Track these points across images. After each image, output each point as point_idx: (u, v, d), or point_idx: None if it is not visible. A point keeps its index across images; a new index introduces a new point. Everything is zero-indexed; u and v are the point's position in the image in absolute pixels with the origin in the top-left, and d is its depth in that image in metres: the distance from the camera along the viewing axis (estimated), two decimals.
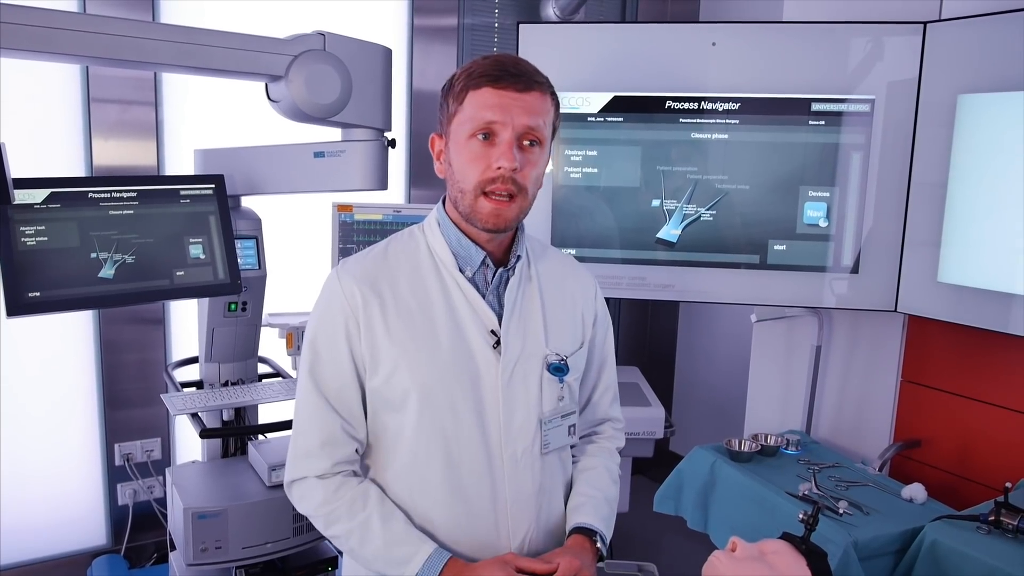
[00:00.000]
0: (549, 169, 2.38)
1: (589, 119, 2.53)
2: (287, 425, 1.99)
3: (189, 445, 2.89)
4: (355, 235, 2.57)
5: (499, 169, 1.14)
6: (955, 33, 2.21)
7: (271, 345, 2.37)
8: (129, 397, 2.77)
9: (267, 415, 2.19)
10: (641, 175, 2.52)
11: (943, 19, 2.27)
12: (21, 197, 1.68)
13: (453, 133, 1.19)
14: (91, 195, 1.78)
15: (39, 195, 1.72)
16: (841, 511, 1.97)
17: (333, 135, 2.04)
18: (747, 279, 2.50)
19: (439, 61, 3.19)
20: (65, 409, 2.71)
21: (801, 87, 2.39)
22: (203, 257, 1.92)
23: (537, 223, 2.55)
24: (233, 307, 2.09)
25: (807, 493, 2.07)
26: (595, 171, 2.56)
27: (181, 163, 2.73)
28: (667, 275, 2.55)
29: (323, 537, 2.03)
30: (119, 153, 2.65)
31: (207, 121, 2.76)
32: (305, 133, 2.03)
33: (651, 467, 3.66)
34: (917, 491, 2.10)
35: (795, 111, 2.40)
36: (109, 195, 1.80)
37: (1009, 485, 1.83)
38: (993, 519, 1.80)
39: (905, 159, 2.33)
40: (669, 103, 2.48)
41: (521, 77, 1.16)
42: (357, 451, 1.25)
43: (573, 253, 2.57)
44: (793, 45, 2.38)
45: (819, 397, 2.65)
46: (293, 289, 2.49)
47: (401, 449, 1.22)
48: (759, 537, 1.23)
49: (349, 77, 1.90)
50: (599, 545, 1.27)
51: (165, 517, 2.70)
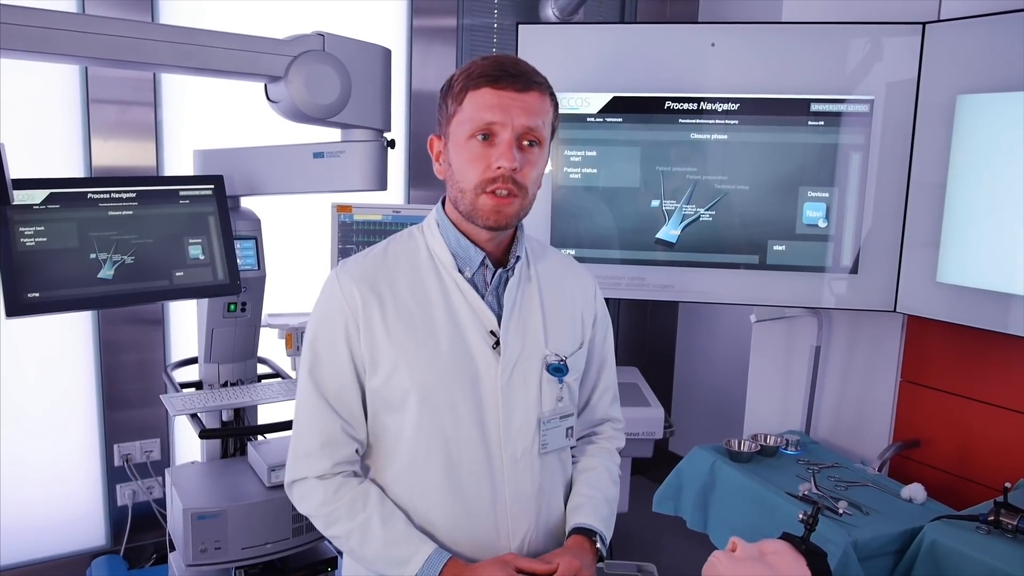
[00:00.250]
0: (548, 170, 2.39)
1: (588, 120, 2.53)
2: (286, 426, 1.99)
3: (188, 446, 2.89)
4: (354, 236, 2.57)
5: (499, 169, 1.14)
6: (954, 33, 2.21)
7: (270, 346, 2.37)
8: (128, 398, 2.77)
9: (266, 416, 2.19)
10: (640, 175, 2.53)
11: (942, 19, 2.27)
12: (20, 198, 1.68)
13: (452, 134, 1.19)
14: (90, 196, 1.78)
15: (38, 196, 1.72)
16: (841, 511, 1.98)
17: (332, 136, 2.04)
18: (746, 279, 2.50)
19: (438, 62, 3.19)
20: (64, 409, 2.71)
21: (800, 88, 2.39)
22: (202, 258, 1.92)
23: (536, 223, 2.55)
24: (232, 308, 2.09)
25: (807, 493, 2.07)
26: (594, 171, 2.56)
27: (180, 164, 2.72)
28: (666, 275, 2.55)
29: (323, 537, 2.04)
30: (118, 154, 2.65)
31: (206, 122, 2.76)
32: (304, 134, 2.03)
33: (650, 467, 3.66)
34: (916, 491, 2.10)
35: (794, 112, 2.40)
36: (108, 196, 1.80)
37: (1008, 485, 1.83)
38: (992, 519, 1.80)
39: (904, 159, 2.33)
40: (668, 104, 2.48)
41: (520, 77, 1.15)
42: (357, 451, 1.25)
43: (572, 253, 2.57)
44: (792, 46, 2.38)
45: (818, 397, 2.65)
46: (292, 290, 2.49)
47: (401, 450, 1.22)
48: (759, 537, 1.23)
49: (348, 78, 1.90)
50: (599, 545, 1.27)
51: (164, 518, 2.70)
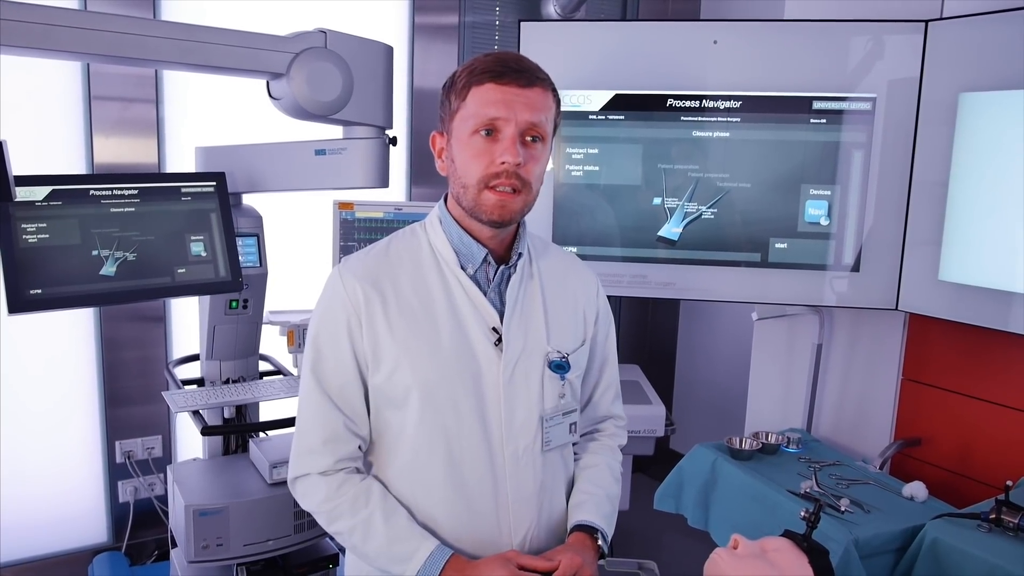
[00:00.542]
0: (550, 167, 2.39)
1: (590, 117, 2.53)
2: (288, 423, 1.99)
3: (190, 442, 2.89)
4: (356, 233, 2.57)
5: (502, 164, 1.14)
6: (956, 31, 2.20)
7: (272, 343, 2.37)
8: (130, 394, 2.77)
9: (268, 412, 2.19)
10: (642, 173, 2.52)
11: (944, 17, 2.26)
12: (22, 194, 1.68)
13: (456, 130, 1.18)
14: (92, 192, 1.78)
15: (40, 192, 1.72)
16: (842, 509, 1.98)
17: (334, 133, 2.04)
18: (748, 277, 2.50)
19: (440, 59, 3.19)
20: (66, 407, 2.71)
21: (802, 85, 2.39)
22: (204, 255, 1.92)
23: (538, 221, 2.55)
24: (234, 305, 2.09)
25: (808, 491, 2.07)
26: (596, 169, 2.56)
27: (182, 161, 2.72)
28: (668, 273, 2.55)
29: (324, 534, 2.05)
30: (120, 150, 2.65)
31: (208, 118, 2.76)
32: (306, 131, 2.03)
33: (652, 465, 3.66)
34: (918, 489, 2.10)
35: (796, 109, 2.40)
36: (110, 192, 1.80)
37: (1010, 483, 1.83)
38: (994, 517, 1.81)
39: (906, 157, 2.33)
40: (670, 101, 2.48)
41: (523, 73, 1.16)
42: (360, 448, 1.25)
43: (574, 251, 2.56)
44: (794, 43, 2.38)
45: (820, 395, 2.65)
46: (294, 287, 2.49)
47: (403, 446, 1.22)
48: (760, 535, 1.23)
49: (350, 75, 1.90)
50: (600, 543, 1.27)
51: (166, 514, 2.71)
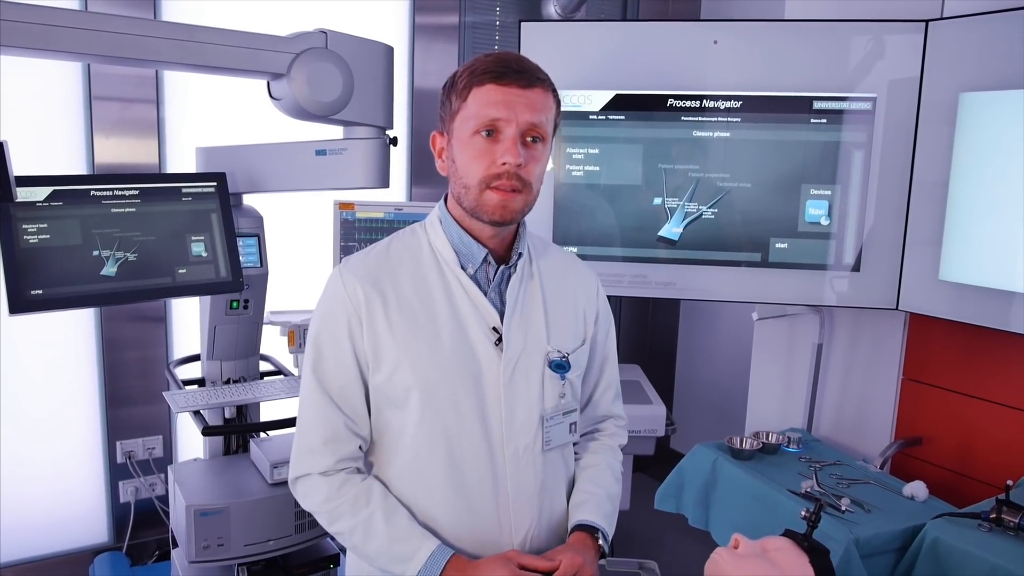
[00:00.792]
0: (550, 167, 2.39)
1: (591, 117, 2.53)
2: (289, 423, 2.00)
3: (191, 443, 2.89)
4: (357, 233, 2.57)
5: (504, 165, 1.15)
6: (957, 31, 2.20)
7: (273, 343, 2.37)
8: (131, 395, 2.77)
9: (269, 413, 2.19)
10: (643, 173, 2.52)
11: (945, 17, 2.26)
12: (23, 195, 1.68)
13: (456, 130, 1.19)
14: (93, 193, 1.78)
15: (41, 193, 1.72)
16: (843, 509, 1.98)
17: (335, 133, 2.04)
18: (748, 277, 2.50)
19: (440, 59, 3.19)
20: (67, 407, 2.72)
21: (803, 85, 2.39)
22: (205, 255, 1.92)
23: (539, 221, 2.55)
24: (235, 305, 2.09)
25: (809, 491, 2.07)
26: (597, 169, 2.56)
27: (183, 161, 2.73)
28: (668, 273, 2.55)
29: (325, 534, 2.05)
30: (121, 151, 2.65)
31: (209, 119, 2.76)
32: (307, 131, 2.03)
33: (652, 465, 3.66)
34: (918, 489, 2.10)
35: (797, 109, 2.40)
36: (111, 193, 1.81)
37: (1010, 483, 1.83)
38: (994, 517, 1.80)
39: (907, 157, 2.33)
40: (671, 101, 2.48)
41: (524, 74, 1.16)
42: (361, 448, 1.25)
43: (575, 251, 2.57)
44: (795, 43, 2.38)
45: (820, 395, 2.65)
46: (295, 287, 2.49)
47: (404, 446, 1.23)
48: (761, 535, 1.23)
49: (351, 75, 1.90)
50: (601, 542, 1.27)
51: (167, 515, 2.71)
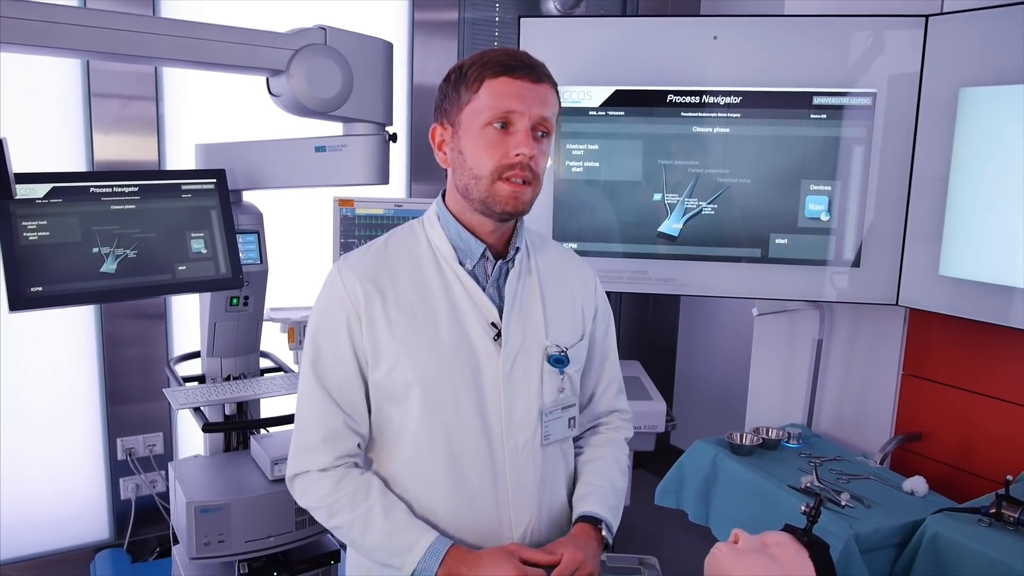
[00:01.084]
0: (550, 163, 2.39)
1: (590, 113, 2.53)
2: (289, 419, 1.99)
3: (191, 439, 2.89)
4: (356, 230, 2.57)
5: (517, 156, 1.15)
6: (956, 26, 2.20)
7: (273, 340, 2.37)
8: (131, 392, 2.77)
9: (269, 409, 2.19)
10: (642, 169, 2.52)
11: (944, 12, 2.26)
12: (23, 192, 1.68)
13: (465, 121, 1.18)
14: (92, 190, 1.79)
15: (41, 190, 1.72)
16: (843, 504, 1.98)
17: (334, 129, 2.04)
18: (748, 273, 2.50)
19: (440, 55, 3.19)
20: (67, 404, 2.72)
21: (802, 81, 2.38)
22: (205, 252, 1.92)
23: (538, 217, 2.55)
24: (235, 302, 2.09)
25: (809, 486, 2.07)
26: (596, 165, 2.56)
27: (182, 158, 2.72)
28: (668, 269, 2.55)
29: (325, 531, 2.05)
30: (120, 148, 2.65)
31: (208, 116, 2.76)
32: (306, 127, 2.03)
33: (652, 461, 3.67)
34: (918, 484, 2.10)
35: (797, 105, 2.39)
36: (110, 190, 1.81)
37: (1010, 478, 1.83)
38: (994, 512, 1.81)
39: (907, 153, 2.33)
40: (670, 97, 2.47)
41: (534, 69, 1.18)
42: (359, 446, 1.25)
43: (574, 247, 2.57)
44: (794, 39, 2.38)
45: (820, 390, 2.65)
46: (295, 284, 2.49)
47: (404, 442, 1.23)
48: (761, 530, 1.23)
49: (350, 71, 1.89)
50: (605, 534, 1.27)
51: (168, 511, 2.71)
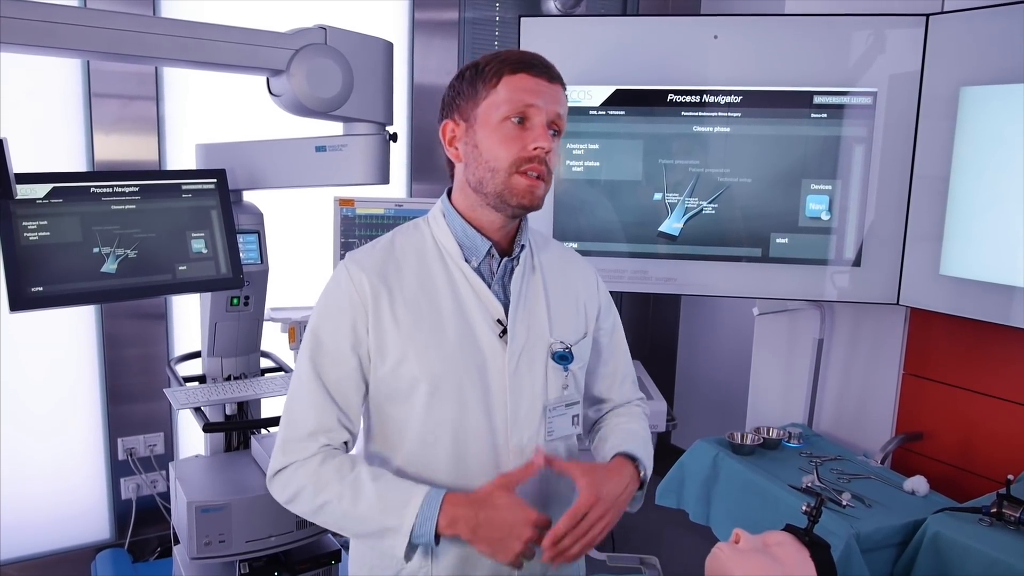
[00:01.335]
0: None
1: (591, 112, 2.53)
2: None
3: (192, 439, 2.89)
4: (357, 229, 2.57)
5: (535, 150, 1.17)
6: (957, 25, 2.20)
7: (273, 339, 2.37)
8: (132, 392, 2.77)
9: (269, 409, 2.19)
10: (643, 168, 2.52)
11: (945, 11, 2.26)
12: (23, 192, 1.68)
13: (482, 116, 1.19)
14: (93, 190, 1.79)
15: (41, 190, 1.72)
16: (844, 503, 1.98)
17: (335, 129, 2.04)
18: (749, 272, 2.50)
19: (440, 55, 3.19)
20: (68, 404, 2.72)
21: (803, 80, 2.38)
22: (205, 252, 1.92)
23: (539, 216, 2.52)
24: (235, 302, 2.09)
25: (809, 486, 2.07)
26: (597, 164, 2.56)
27: (182, 158, 2.73)
28: (669, 268, 2.55)
29: (326, 531, 2.05)
30: (120, 148, 2.65)
31: (208, 116, 2.76)
32: (306, 127, 2.03)
33: (653, 460, 3.66)
34: (919, 484, 2.10)
35: (797, 104, 2.39)
36: (111, 190, 1.81)
37: (1011, 477, 1.83)
38: (995, 511, 1.81)
39: (907, 152, 2.33)
40: (671, 96, 2.47)
41: (549, 68, 1.22)
42: (346, 443, 1.23)
43: (575, 246, 2.56)
44: (795, 38, 2.38)
45: (821, 390, 2.65)
46: (295, 283, 2.49)
47: (408, 438, 1.22)
48: (762, 529, 1.23)
49: (350, 71, 1.89)
50: (643, 474, 1.28)
51: (168, 511, 2.71)
